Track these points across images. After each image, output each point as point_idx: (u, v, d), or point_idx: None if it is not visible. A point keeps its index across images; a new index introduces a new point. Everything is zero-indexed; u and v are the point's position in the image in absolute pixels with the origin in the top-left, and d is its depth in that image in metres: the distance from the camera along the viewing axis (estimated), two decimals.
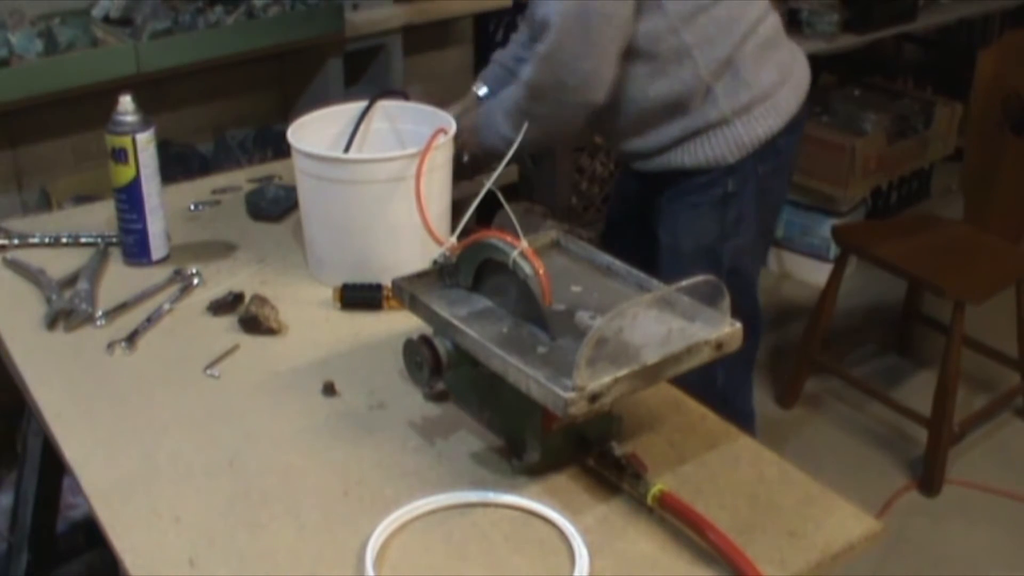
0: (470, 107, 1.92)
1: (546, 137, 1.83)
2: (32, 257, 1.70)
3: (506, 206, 1.41)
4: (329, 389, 1.39)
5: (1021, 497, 2.74)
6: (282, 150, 1.92)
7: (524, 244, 1.26)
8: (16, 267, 1.68)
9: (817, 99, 3.73)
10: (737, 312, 1.82)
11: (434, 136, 1.55)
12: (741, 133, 1.81)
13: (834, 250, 3.35)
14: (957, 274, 2.76)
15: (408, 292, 1.32)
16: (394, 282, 1.35)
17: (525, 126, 1.63)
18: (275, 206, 1.84)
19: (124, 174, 1.63)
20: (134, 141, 1.61)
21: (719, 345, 1.21)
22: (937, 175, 4.07)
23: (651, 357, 1.16)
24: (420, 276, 1.36)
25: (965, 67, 3.14)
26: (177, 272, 1.65)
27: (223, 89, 2.83)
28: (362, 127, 1.70)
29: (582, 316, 1.27)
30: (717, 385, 1.85)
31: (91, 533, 1.89)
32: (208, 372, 1.43)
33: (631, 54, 1.74)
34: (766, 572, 1.09)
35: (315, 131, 1.65)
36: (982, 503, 2.73)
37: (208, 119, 2.84)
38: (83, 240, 1.75)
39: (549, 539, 1.15)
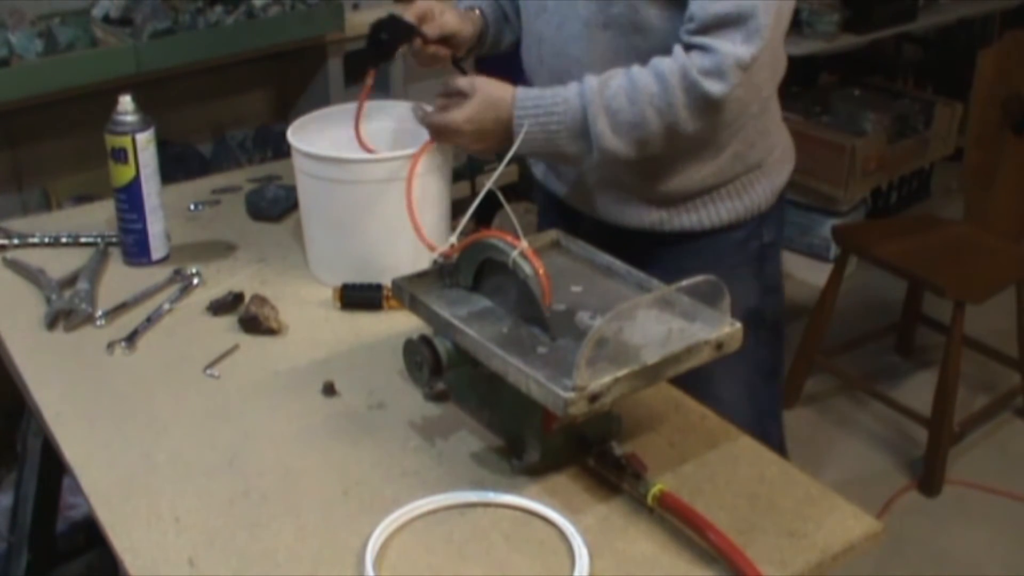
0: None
1: (636, 155, 1.47)
2: (32, 257, 1.70)
3: (506, 206, 1.41)
4: (329, 389, 1.39)
5: (1021, 497, 2.74)
6: (282, 150, 1.92)
7: (524, 244, 1.26)
8: (16, 267, 1.68)
9: (817, 99, 3.73)
10: (772, 365, 1.77)
11: (428, 143, 1.54)
12: (773, 177, 1.67)
13: (834, 250, 3.35)
14: (957, 274, 2.76)
15: (408, 292, 1.32)
16: (394, 282, 1.35)
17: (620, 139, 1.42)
18: (275, 206, 1.84)
19: (124, 174, 1.63)
20: (134, 141, 1.61)
21: (719, 345, 1.21)
22: (937, 175, 4.07)
23: (651, 357, 1.16)
24: (420, 276, 1.36)
25: (965, 67, 3.14)
26: (177, 272, 1.65)
27: (223, 89, 2.84)
28: (363, 127, 1.70)
29: (582, 316, 1.27)
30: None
31: (91, 533, 1.89)
32: (208, 372, 1.43)
33: None
34: (766, 572, 1.09)
35: (315, 131, 1.64)
36: (982, 503, 2.73)
37: (208, 119, 2.84)
38: (83, 240, 1.75)
39: (549, 539, 1.15)
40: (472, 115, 1.48)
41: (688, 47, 1.41)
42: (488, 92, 1.48)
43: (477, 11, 1.72)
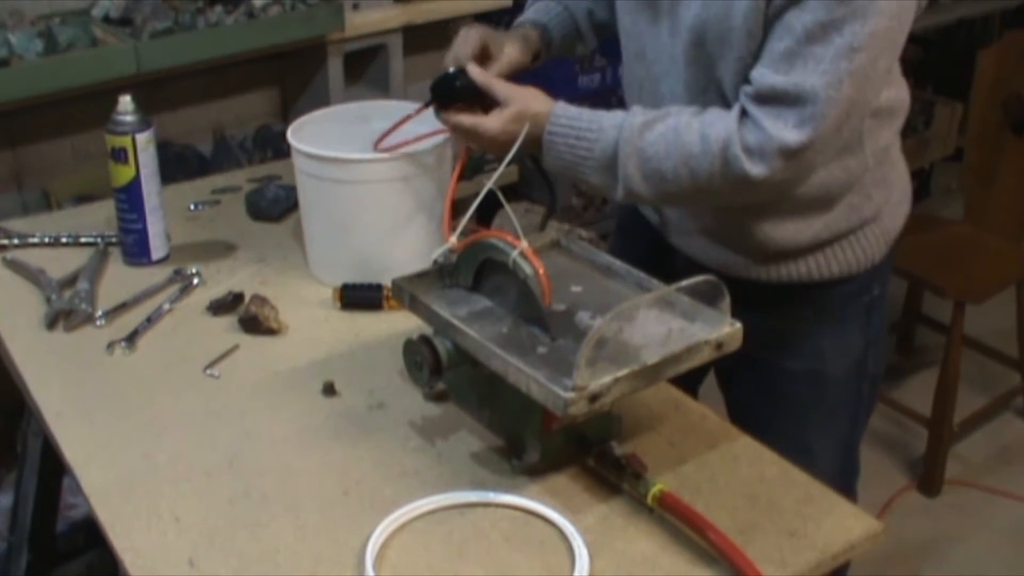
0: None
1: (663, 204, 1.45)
2: (32, 257, 1.70)
3: (506, 206, 1.41)
4: (329, 389, 1.39)
5: (1021, 497, 2.74)
6: (282, 150, 1.92)
7: (524, 244, 1.26)
8: (16, 267, 1.68)
9: None
10: (865, 419, 1.68)
11: (465, 153, 1.51)
12: (888, 227, 1.54)
13: None
14: (957, 274, 2.76)
15: (408, 292, 1.32)
16: (394, 282, 1.35)
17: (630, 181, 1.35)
18: (275, 206, 1.84)
19: (124, 174, 1.63)
20: (134, 141, 1.61)
21: (719, 345, 1.21)
22: (937, 175, 4.07)
23: (651, 357, 1.16)
24: (420, 276, 1.36)
25: (965, 67, 3.14)
26: (177, 272, 1.65)
27: (223, 89, 2.83)
28: (362, 127, 1.70)
29: (582, 316, 1.27)
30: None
31: (91, 533, 1.89)
32: (208, 372, 1.43)
33: None
34: (766, 572, 1.09)
35: (315, 131, 1.64)
36: (982, 503, 2.73)
37: (208, 119, 2.84)
38: (83, 240, 1.75)
39: (549, 539, 1.15)
40: (506, 126, 1.39)
41: (743, 112, 1.32)
42: (526, 104, 1.40)
43: (536, 32, 1.59)
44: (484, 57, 1.49)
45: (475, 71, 1.43)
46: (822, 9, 1.24)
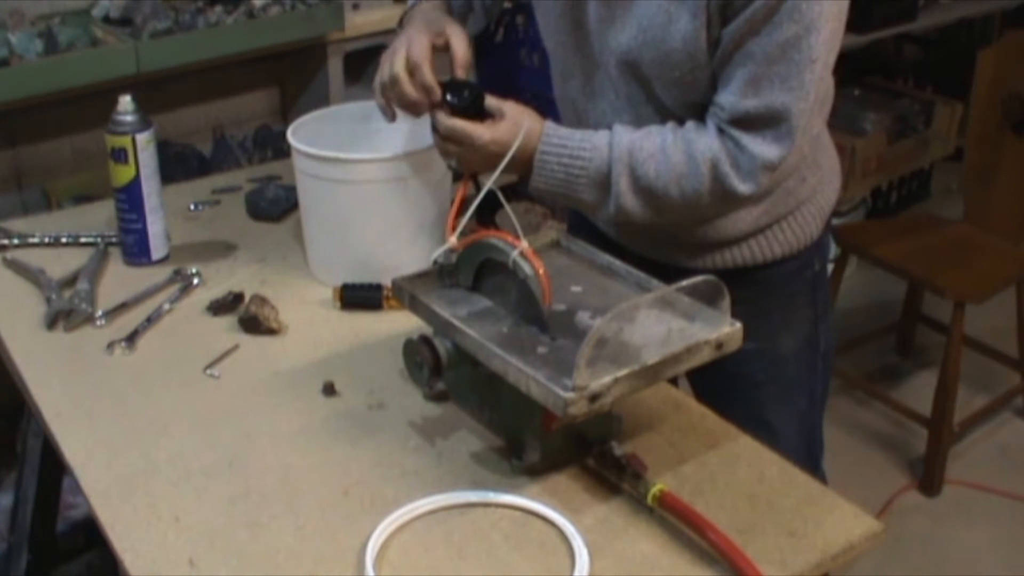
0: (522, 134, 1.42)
1: (648, 220, 1.46)
2: (32, 257, 1.70)
3: (506, 206, 1.41)
4: (329, 389, 1.39)
5: (1021, 497, 2.74)
6: (282, 150, 1.92)
7: (524, 244, 1.26)
8: (16, 267, 1.68)
9: None
10: (823, 394, 1.72)
11: (462, 189, 1.49)
12: (823, 204, 1.60)
13: (834, 250, 3.35)
14: (957, 274, 2.76)
15: (408, 292, 1.32)
16: (394, 282, 1.35)
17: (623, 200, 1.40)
18: (275, 206, 1.84)
19: (124, 174, 1.63)
20: (134, 141, 1.61)
21: (719, 345, 1.21)
22: (937, 175, 4.07)
23: (651, 357, 1.16)
24: (420, 276, 1.36)
25: (965, 67, 3.14)
26: (177, 272, 1.65)
27: (223, 89, 2.84)
28: (362, 127, 1.70)
29: (582, 316, 1.27)
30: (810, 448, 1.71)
31: (91, 533, 1.89)
32: (208, 372, 1.43)
33: None
34: (766, 572, 1.09)
35: (315, 131, 1.64)
36: (982, 503, 2.73)
37: (208, 119, 2.84)
38: (83, 240, 1.75)
39: (549, 539, 1.15)
40: (500, 137, 1.40)
41: (720, 131, 1.37)
42: (519, 119, 1.41)
43: (445, 9, 1.60)
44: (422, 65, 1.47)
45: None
46: (777, 32, 1.30)
